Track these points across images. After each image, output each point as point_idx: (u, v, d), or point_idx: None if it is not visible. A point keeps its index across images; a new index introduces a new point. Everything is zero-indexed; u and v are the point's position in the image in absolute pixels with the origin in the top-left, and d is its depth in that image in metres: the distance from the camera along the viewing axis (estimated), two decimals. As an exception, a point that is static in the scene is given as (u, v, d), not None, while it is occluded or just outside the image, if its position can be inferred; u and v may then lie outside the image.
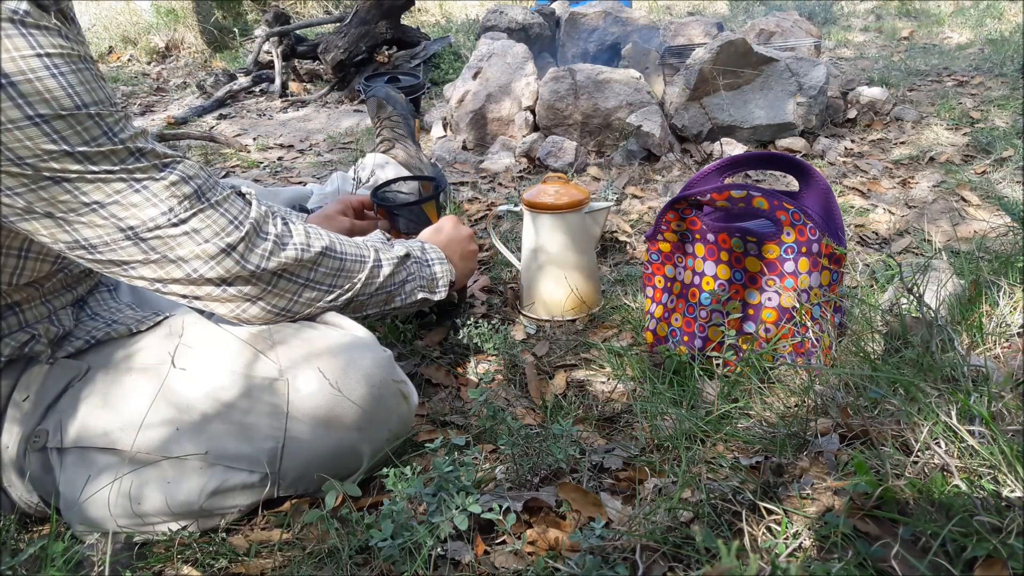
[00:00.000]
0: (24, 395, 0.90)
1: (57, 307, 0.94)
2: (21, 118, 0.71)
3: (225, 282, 0.87)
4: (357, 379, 0.92)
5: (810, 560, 0.66)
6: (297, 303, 0.95)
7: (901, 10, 4.89)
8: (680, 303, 1.17)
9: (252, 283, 0.89)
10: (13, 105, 0.71)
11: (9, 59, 0.70)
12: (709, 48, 2.41)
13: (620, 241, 1.76)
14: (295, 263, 0.92)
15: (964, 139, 2.33)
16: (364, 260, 1.03)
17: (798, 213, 1.04)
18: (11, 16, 0.70)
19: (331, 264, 0.98)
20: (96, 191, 0.77)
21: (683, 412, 0.99)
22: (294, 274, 0.93)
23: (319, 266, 0.96)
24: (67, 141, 0.74)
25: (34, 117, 0.72)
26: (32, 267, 0.87)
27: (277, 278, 0.91)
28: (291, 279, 0.93)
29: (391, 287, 1.08)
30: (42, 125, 0.72)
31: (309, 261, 0.94)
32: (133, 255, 0.82)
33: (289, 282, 0.93)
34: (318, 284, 0.97)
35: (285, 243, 0.92)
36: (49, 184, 0.75)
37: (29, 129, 0.72)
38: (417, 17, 5.77)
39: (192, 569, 0.83)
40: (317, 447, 0.90)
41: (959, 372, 0.84)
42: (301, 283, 0.94)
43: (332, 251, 0.98)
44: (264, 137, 3.13)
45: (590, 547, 0.74)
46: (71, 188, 0.76)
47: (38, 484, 0.90)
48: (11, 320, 0.89)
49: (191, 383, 0.90)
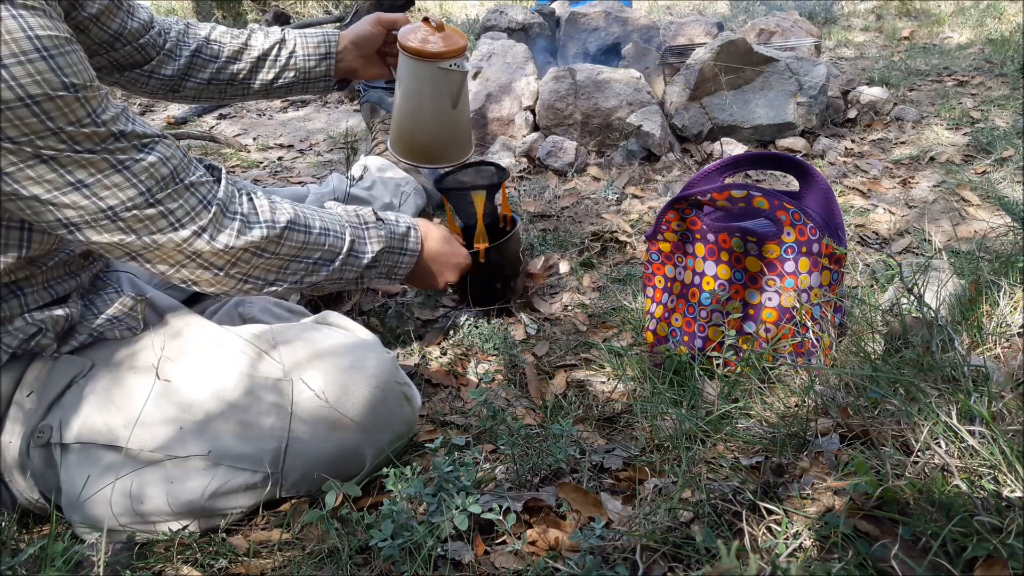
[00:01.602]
0: (27, 391, 0.90)
1: (60, 293, 0.93)
2: (13, 99, 0.72)
3: (196, 257, 0.90)
4: (361, 380, 0.92)
5: (810, 560, 0.66)
6: (265, 277, 0.98)
7: (901, 10, 4.89)
8: (680, 303, 1.17)
9: (221, 258, 0.91)
10: (6, 87, 0.72)
11: (1, 42, 0.71)
12: (709, 48, 2.41)
13: (620, 241, 1.76)
14: (262, 240, 0.94)
15: (964, 139, 2.33)
16: (338, 235, 1.05)
17: (798, 213, 1.04)
18: None
19: (297, 238, 0.99)
20: (80, 170, 0.79)
21: (683, 412, 0.99)
22: (262, 249, 0.95)
23: (286, 240, 0.97)
24: (55, 121, 0.75)
25: (25, 99, 0.73)
26: (39, 239, 0.88)
27: (246, 254, 0.93)
28: (259, 254, 0.95)
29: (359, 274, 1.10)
30: (33, 106, 0.73)
31: (275, 237, 0.96)
32: (110, 230, 0.84)
33: (257, 257, 0.95)
34: (297, 259, 0.99)
35: (251, 222, 0.93)
36: (37, 163, 0.77)
37: (21, 110, 0.73)
38: (417, 17, 5.77)
39: (192, 569, 0.83)
40: (320, 448, 0.90)
41: (959, 372, 0.84)
42: (268, 257, 0.96)
43: (297, 224, 0.99)
44: (264, 137, 3.13)
45: (590, 547, 0.74)
46: (57, 167, 0.78)
47: (40, 481, 0.90)
48: (12, 303, 0.89)
49: (195, 382, 0.90)
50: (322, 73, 1.32)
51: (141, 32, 1.17)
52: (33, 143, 0.75)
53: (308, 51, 1.31)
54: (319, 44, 1.31)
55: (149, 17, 1.19)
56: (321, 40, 1.31)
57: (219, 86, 1.28)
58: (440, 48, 1.22)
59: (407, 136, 1.32)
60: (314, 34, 1.32)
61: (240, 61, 1.28)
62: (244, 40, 1.29)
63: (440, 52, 1.22)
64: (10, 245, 0.86)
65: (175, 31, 1.24)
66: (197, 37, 1.26)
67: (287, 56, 1.30)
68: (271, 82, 1.31)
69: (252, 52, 1.28)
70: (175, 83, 1.25)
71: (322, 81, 1.33)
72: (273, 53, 1.29)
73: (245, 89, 1.31)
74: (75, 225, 0.82)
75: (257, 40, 1.29)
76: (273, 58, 1.29)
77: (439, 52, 1.22)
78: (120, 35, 1.14)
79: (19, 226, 0.86)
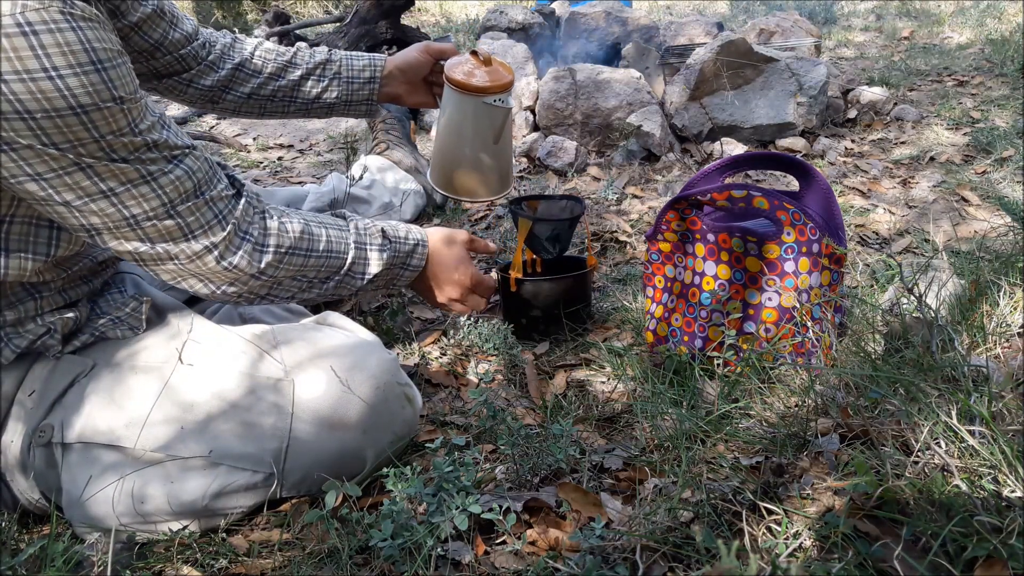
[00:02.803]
0: (29, 391, 0.91)
1: (73, 298, 0.94)
2: (65, 108, 0.74)
3: (202, 270, 0.91)
4: (362, 381, 0.92)
5: (810, 560, 0.66)
6: (259, 292, 0.98)
7: (901, 10, 4.89)
8: (680, 303, 1.17)
9: (225, 276, 0.93)
10: (60, 96, 0.73)
11: (59, 52, 0.73)
12: (709, 48, 2.41)
13: (620, 241, 1.76)
14: (266, 265, 0.95)
15: (964, 139, 2.33)
16: (339, 255, 1.04)
17: (798, 213, 1.04)
18: (62, 9, 0.72)
19: (298, 261, 0.99)
20: (112, 178, 0.81)
21: (683, 412, 0.99)
22: (262, 272, 0.96)
23: (286, 264, 0.98)
24: (99, 130, 0.77)
25: (75, 108, 0.75)
26: (67, 239, 0.89)
27: (247, 276, 0.94)
28: (258, 277, 0.96)
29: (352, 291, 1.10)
30: (81, 115, 0.75)
31: (278, 261, 0.96)
32: (129, 238, 0.86)
33: (255, 279, 0.96)
34: (294, 279, 1.00)
35: (261, 246, 0.94)
36: (75, 170, 0.78)
37: (71, 118, 0.75)
38: (417, 17, 5.77)
39: (192, 569, 0.83)
40: (321, 448, 0.90)
41: (959, 372, 0.84)
42: (265, 279, 0.97)
43: (300, 249, 0.99)
44: (264, 137, 3.13)
45: (590, 547, 0.74)
46: (92, 174, 0.80)
47: (41, 480, 0.90)
48: (29, 305, 0.90)
49: (196, 382, 0.90)
50: (364, 97, 1.32)
51: (183, 43, 1.16)
52: (76, 150, 0.77)
53: (352, 74, 1.30)
54: (364, 68, 1.31)
55: (194, 29, 1.19)
56: (367, 64, 1.31)
57: (259, 101, 1.28)
58: (485, 83, 1.20)
59: (447, 168, 1.30)
60: (360, 57, 1.31)
61: (283, 79, 1.27)
62: (289, 58, 1.28)
63: (485, 87, 1.20)
64: (39, 244, 0.87)
65: (221, 44, 1.24)
66: (242, 52, 1.25)
67: (330, 77, 1.29)
68: (312, 101, 1.30)
69: (296, 71, 1.28)
70: (214, 94, 1.24)
71: (364, 104, 1.33)
72: (317, 73, 1.29)
73: (285, 107, 1.30)
74: (96, 230, 0.84)
75: (302, 59, 1.29)
76: (317, 78, 1.29)
77: (484, 87, 1.20)
78: (161, 45, 1.14)
79: (48, 225, 0.87)
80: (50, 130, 0.74)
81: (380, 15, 3.64)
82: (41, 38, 0.71)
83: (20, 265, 0.86)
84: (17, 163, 0.76)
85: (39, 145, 0.75)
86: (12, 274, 0.86)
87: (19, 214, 0.85)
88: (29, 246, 0.86)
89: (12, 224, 0.85)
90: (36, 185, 0.78)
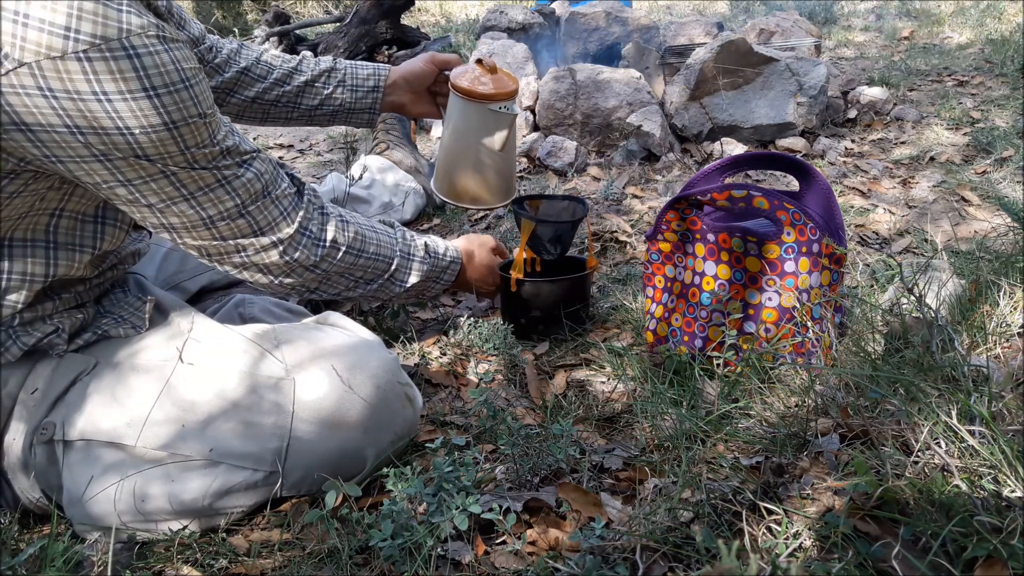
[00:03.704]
0: (32, 389, 0.91)
1: (84, 299, 0.96)
2: (159, 123, 0.80)
3: (265, 262, 1.00)
4: (363, 381, 0.92)
5: (810, 560, 0.66)
6: (309, 286, 1.07)
7: (901, 10, 4.89)
8: (680, 303, 1.17)
9: (285, 269, 1.02)
10: (155, 113, 0.79)
11: (156, 73, 0.78)
12: (709, 48, 2.41)
13: (620, 241, 1.76)
14: (321, 259, 1.04)
15: (964, 139, 2.33)
16: (387, 260, 1.15)
17: (798, 213, 1.04)
18: (157, 33, 0.78)
19: (349, 259, 1.08)
20: (192, 183, 0.87)
21: (683, 412, 0.99)
22: (316, 266, 1.04)
23: (341, 261, 1.07)
24: (186, 143, 0.84)
25: (168, 124, 0.81)
26: (111, 233, 0.94)
27: (304, 269, 1.03)
28: (313, 269, 1.05)
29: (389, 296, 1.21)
30: (172, 130, 0.81)
31: (333, 256, 1.06)
32: (203, 236, 0.93)
33: (310, 272, 1.05)
34: (343, 276, 1.10)
35: (321, 241, 1.03)
36: (160, 177, 0.85)
37: (163, 132, 0.81)
38: (417, 17, 5.78)
39: (192, 569, 0.83)
40: (321, 448, 0.90)
41: (959, 372, 0.84)
42: (319, 273, 1.06)
43: (353, 248, 1.09)
44: (264, 137, 3.13)
45: (590, 547, 0.74)
46: (175, 181, 0.86)
47: (42, 479, 0.91)
48: (47, 305, 0.91)
49: (197, 381, 0.90)
50: (368, 105, 1.33)
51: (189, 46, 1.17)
52: (164, 160, 0.83)
53: (357, 82, 1.31)
54: (368, 76, 1.32)
55: (200, 33, 1.19)
56: (371, 73, 1.32)
57: (263, 106, 1.29)
58: (490, 90, 1.21)
59: (453, 175, 1.31)
60: (364, 66, 1.33)
61: (287, 84, 1.28)
62: (294, 65, 1.29)
63: (490, 94, 1.21)
64: (85, 237, 0.92)
65: (227, 50, 1.25)
66: (248, 57, 1.26)
67: (335, 85, 1.30)
68: (315, 108, 1.31)
69: (300, 77, 1.29)
70: (218, 97, 1.25)
71: (367, 113, 1.34)
72: (321, 80, 1.30)
73: (288, 112, 1.31)
74: (175, 229, 0.92)
75: (307, 66, 1.30)
76: (321, 84, 1.30)
77: (489, 94, 1.21)
78: None
79: (93, 219, 0.92)
80: (144, 144, 0.80)
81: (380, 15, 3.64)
82: (143, 60, 0.77)
83: (70, 257, 0.90)
84: (111, 171, 0.82)
85: (133, 157, 0.81)
86: (63, 267, 0.90)
87: (68, 209, 0.89)
88: (77, 239, 0.91)
89: (60, 219, 0.89)
90: (125, 190, 0.85)
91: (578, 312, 1.34)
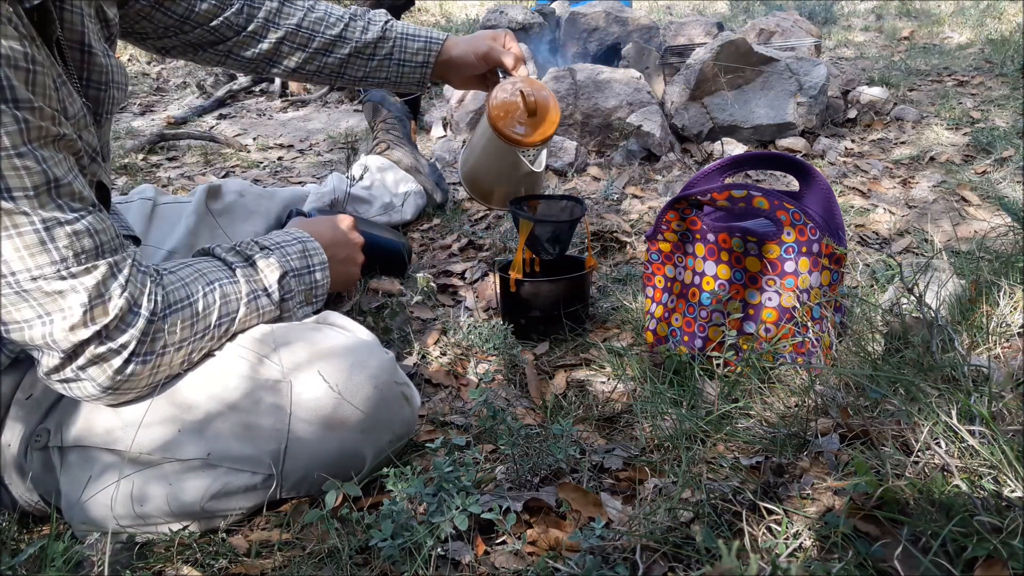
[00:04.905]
0: (27, 394, 0.90)
1: None
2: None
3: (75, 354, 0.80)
4: (361, 381, 0.92)
5: (810, 560, 0.66)
6: (167, 358, 0.88)
7: (901, 10, 4.89)
8: (680, 303, 1.17)
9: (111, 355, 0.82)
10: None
11: None
12: (709, 48, 2.41)
13: (620, 241, 1.76)
14: (158, 331, 0.85)
15: (964, 139, 2.33)
16: (234, 300, 0.95)
17: (799, 213, 1.04)
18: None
19: (196, 324, 0.90)
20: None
21: (683, 412, 0.99)
22: (166, 335, 0.87)
23: (184, 326, 0.88)
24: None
25: None
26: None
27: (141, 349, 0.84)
28: (159, 351, 0.86)
29: (269, 312, 1.00)
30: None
31: (169, 330, 0.86)
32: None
33: (157, 356, 0.86)
34: (184, 342, 0.89)
35: (153, 314, 0.84)
36: None
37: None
38: (417, 17, 5.78)
39: (192, 569, 0.83)
40: (320, 449, 0.90)
41: (959, 372, 0.84)
42: (170, 347, 0.87)
43: (195, 312, 0.90)
44: (264, 137, 3.13)
45: (590, 547, 0.74)
46: None
47: (39, 483, 0.90)
48: None
49: (194, 384, 0.90)
50: (416, 80, 1.31)
51: (213, 13, 1.14)
52: None
53: (405, 56, 1.28)
54: (418, 51, 1.28)
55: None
56: (421, 47, 1.28)
57: (304, 75, 1.27)
58: (522, 136, 1.21)
59: (475, 176, 1.36)
60: (416, 38, 1.28)
61: (331, 55, 1.24)
62: (339, 31, 1.24)
63: (520, 140, 1.21)
64: None
65: (264, 11, 1.19)
66: (287, 23, 1.21)
67: (381, 58, 1.27)
68: (359, 79, 1.29)
69: (345, 47, 1.24)
70: (256, 66, 1.22)
71: (415, 85, 1.32)
72: (367, 53, 1.26)
73: (331, 80, 1.29)
74: None
75: (354, 33, 1.25)
76: (367, 57, 1.26)
77: (519, 139, 1.21)
78: (187, 19, 1.12)
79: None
80: None
81: (380, 15, 3.63)
82: None
83: None
84: None
85: None
86: None
87: None
88: None
89: None
90: None
91: (578, 312, 1.34)
